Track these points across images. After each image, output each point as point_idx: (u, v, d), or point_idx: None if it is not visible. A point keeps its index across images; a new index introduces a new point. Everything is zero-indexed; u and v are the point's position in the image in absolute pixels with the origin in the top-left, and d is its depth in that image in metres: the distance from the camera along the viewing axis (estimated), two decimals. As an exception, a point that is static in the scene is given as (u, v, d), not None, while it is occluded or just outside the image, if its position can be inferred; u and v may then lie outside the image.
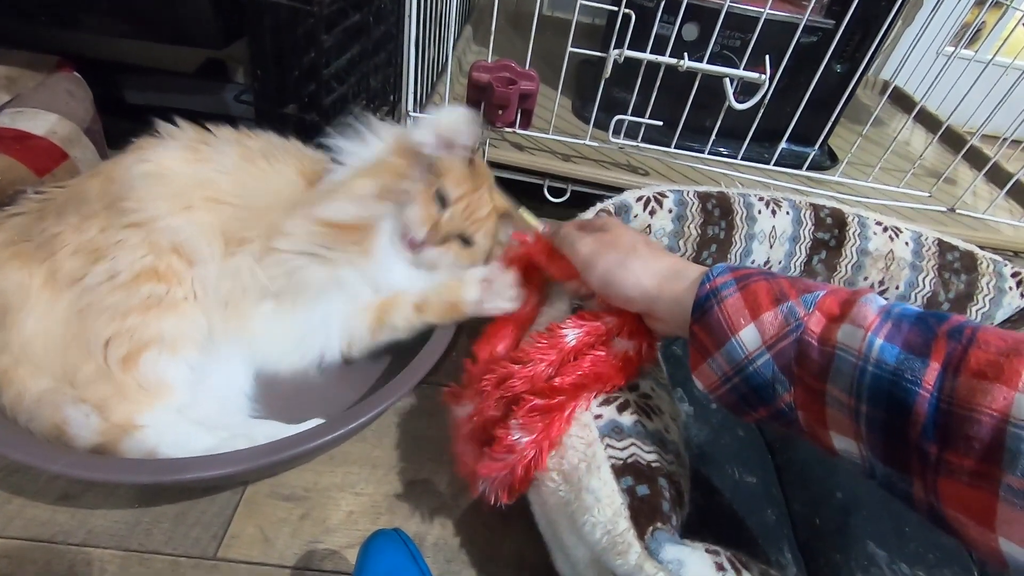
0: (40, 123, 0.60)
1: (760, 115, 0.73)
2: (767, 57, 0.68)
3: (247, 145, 0.55)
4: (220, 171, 0.52)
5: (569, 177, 0.78)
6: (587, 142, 0.76)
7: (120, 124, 0.68)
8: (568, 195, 0.79)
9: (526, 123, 0.74)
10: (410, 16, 0.68)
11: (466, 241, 0.55)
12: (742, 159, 0.78)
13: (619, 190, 0.77)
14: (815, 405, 0.31)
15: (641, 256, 0.41)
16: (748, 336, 0.33)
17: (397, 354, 0.55)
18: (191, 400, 0.46)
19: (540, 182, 0.79)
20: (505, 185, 0.79)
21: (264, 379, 0.53)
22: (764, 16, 0.68)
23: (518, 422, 0.39)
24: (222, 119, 0.56)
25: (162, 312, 0.46)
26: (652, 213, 0.62)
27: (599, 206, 0.61)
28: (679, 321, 0.37)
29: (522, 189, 0.79)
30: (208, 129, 0.55)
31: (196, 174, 0.51)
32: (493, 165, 0.77)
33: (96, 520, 0.44)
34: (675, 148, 0.77)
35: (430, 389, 0.56)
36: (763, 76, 0.67)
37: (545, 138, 0.76)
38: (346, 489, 0.48)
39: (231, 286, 0.51)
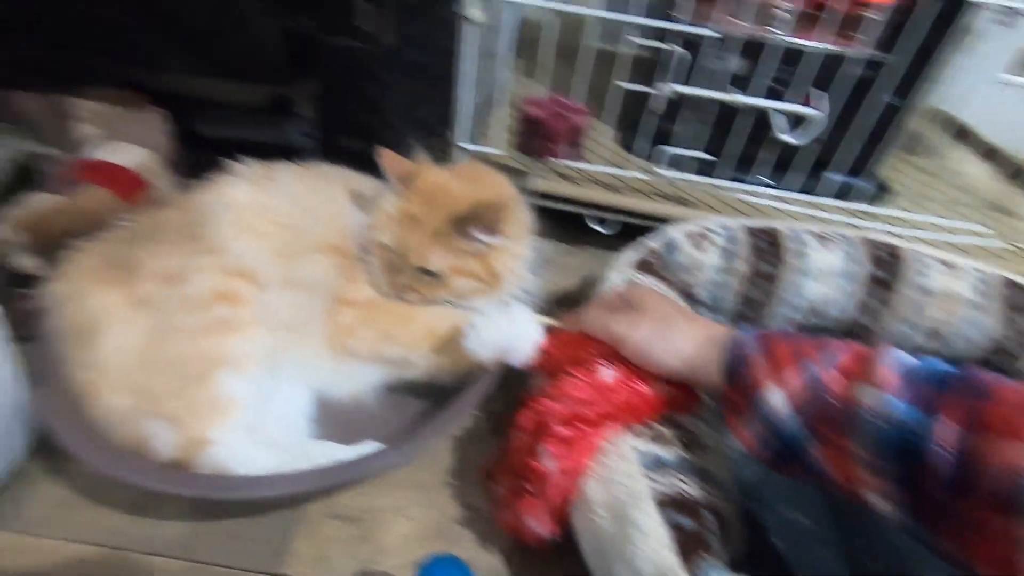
0: (128, 156, 0.65)
1: (810, 147, 0.72)
2: (821, 91, 0.68)
3: (304, 173, 0.59)
4: (282, 198, 0.56)
5: (616, 208, 0.79)
6: (633, 174, 0.77)
7: (193, 155, 0.74)
8: (616, 226, 0.80)
9: (576, 155, 0.75)
10: (467, 52, 0.71)
11: (427, 272, 0.53)
12: (791, 191, 0.78)
13: (665, 220, 0.78)
14: (842, 461, 0.32)
15: (678, 326, 0.42)
16: (774, 396, 0.35)
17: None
18: (256, 419, 0.49)
19: (585, 212, 0.80)
20: (550, 215, 0.81)
21: (323, 400, 0.55)
22: (816, 50, 0.68)
23: (546, 450, 0.41)
24: (285, 150, 0.60)
25: (231, 332, 0.49)
26: (701, 249, 0.62)
27: (642, 243, 0.62)
28: (716, 384, 0.39)
29: (567, 219, 0.81)
30: (271, 163, 0.59)
31: (261, 203, 0.55)
32: (542, 196, 0.79)
33: (166, 531, 0.46)
34: (722, 180, 0.77)
35: (480, 416, 0.58)
36: (815, 110, 0.68)
37: (591, 169, 0.78)
38: (399, 512, 0.50)
39: (293, 311, 0.54)
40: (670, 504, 0.36)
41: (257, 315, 0.51)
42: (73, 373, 0.48)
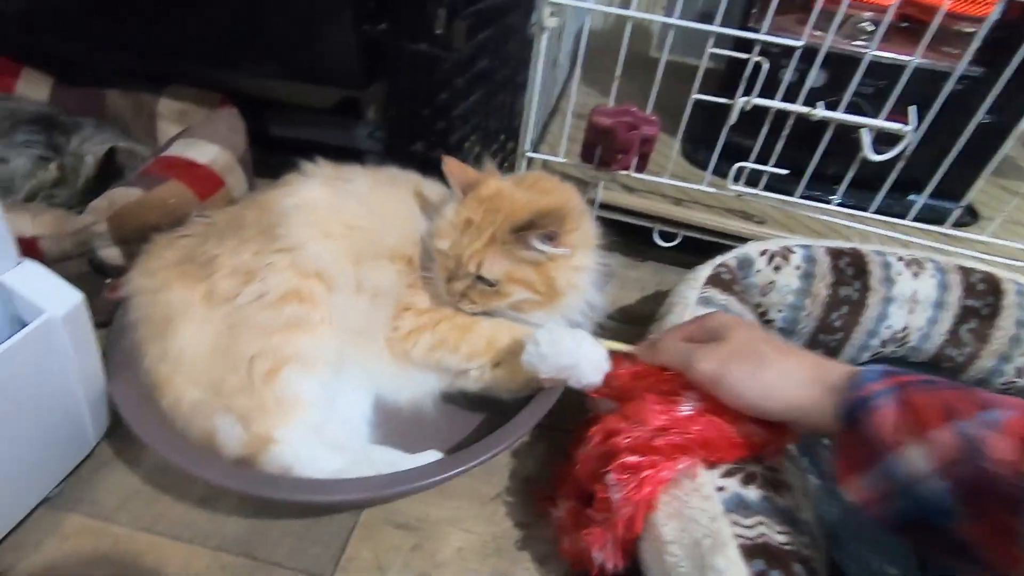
0: (205, 153, 0.67)
1: (898, 166, 0.68)
2: (910, 108, 0.64)
3: (373, 176, 0.60)
4: (353, 200, 0.56)
5: (681, 222, 0.76)
6: (703, 187, 0.74)
7: (264, 155, 0.76)
8: (679, 240, 0.78)
9: (642, 167, 0.73)
10: (537, 62, 0.70)
11: (484, 281, 0.52)
12: (872, 212, 0.73)
13: (733, 237, 0.75)
14: (1005, 543, 0.27)
15: (772, 362, 0.38)
16: (914, 456, 0.29)
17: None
18: (321, 420, 0.49)
19: (651, 226, 0.78)
20: (612, 227, 0.79)
21: (382, 405, 0.55)
22: (911, 64, 0.64)
23: (612, 478, 0.39)
24: (353, 153, 0.61)
25: (302, 332, 0.50)
26: (777, 269, 0.59)
27: (717, 260, 0.59)
28: (826, 429, 0.35)
29: (629, 231, 0.79)
30: (343, 164, 0.60)
31: (334, 204, 0.56)
32: (605, 207, 0.77)
33: (229, 526, 0.47)
34: (795, 197, 0.73)
35: (540, 432, 0.56)
36: (906, 127, 0.64)
37: (660, 182, 0.76)
38: (456, 524, 0.49)
39: (359, 316, 0.53)
40: (757, 553, 0.34)
41: (326, 317, 0.51)
42: (148, 364, 0.48)
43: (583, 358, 0.46)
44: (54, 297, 0.38)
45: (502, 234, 0.51)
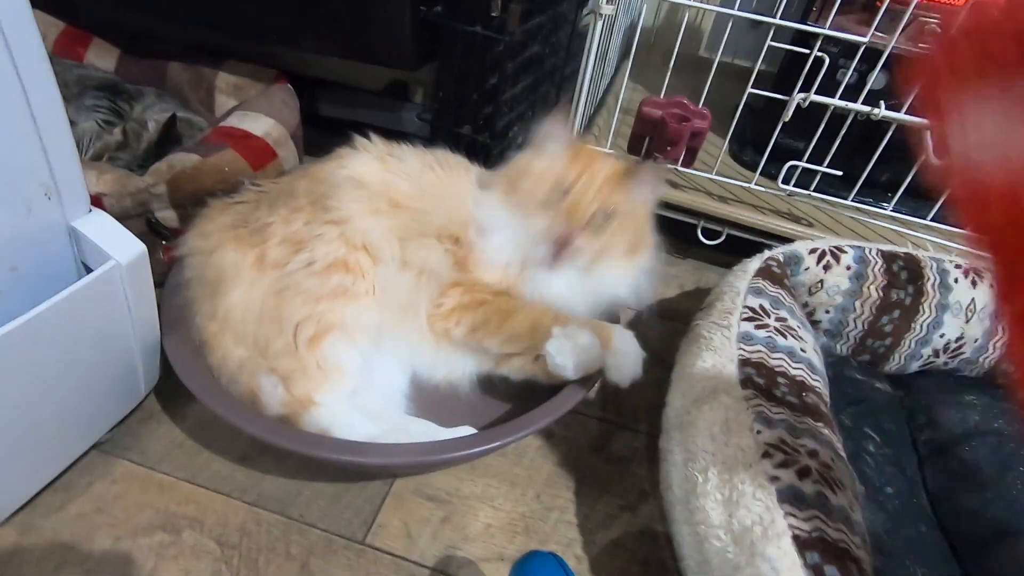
0: (259, 125, 0.69)
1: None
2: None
3: (425, 157, 0.60)
4: (403, 178, 0.57)
5: (727, 220, 0.75)
6: (752, 186, 0.73)
7: (313, 133, 0.77)
8: (723, 238, 0.76)
9: (689, 162, 0.72)
10: (590, 50, 0.70)
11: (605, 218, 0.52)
12: (921, 218, 0.71)
13: (779, 238, 0.74)
14: None
15: None
16: None
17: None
18: (359, 388, 0.49)
19: (695, 222, 0.77)
20: (659, 224, 0.79)
21: (418, 381, 0.55)
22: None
23: None
24: (399, 135, 0.61)
25: (347, 301, 0.50)
26: (827, 268, 0.58)
27: (766, 253, 0.58)
28: None
29: (671, 227, 0.78)
30: (394, 143, 0.60)
31: (384, 180, 0.56)
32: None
33: (266, 484, 0.48)
34: (850, 201, 0.71)
35: (575, 418, 0.56)
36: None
37: (708, 178, 0.74)
38: (485, 501, 0.49)
39: (403, 291, 0.54)
40: (813, 545, 0.33)
41: (371, 289, 0.51)
42: (199, 321, 0.50)
43: (613, 355, 0.46)
44: (120, 246, 0.39)
45: (616, 177, 0.53)
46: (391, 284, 0.53)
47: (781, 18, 0.65)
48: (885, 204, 0.71)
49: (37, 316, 0.34)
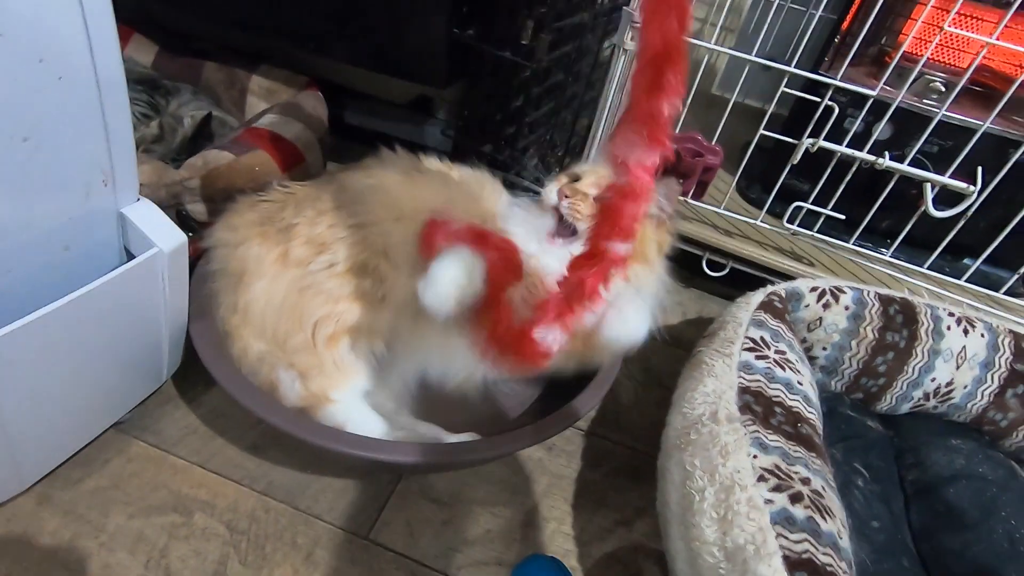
0: (289, 129, 0.71)
1: (956, 226, 0.69)
2: (975, 169, 0.65)
3: (447, 170, 0.63)
4: (425, 188, 0.59)
5: (732, 253, 0.78)
6: (758, 223, 0.76)
7: (337, 139, 0.80)
8: (727, 271, 0.79)
9: (699, 195, 0.75)
10: (612, 81, 0.73)
11: None
12: (920, 266, 0.74)
13: (781, 274, 0.76)
14: None
15: None
16: None
17: (552, 384, 0.58)
18: (373, 389, 0.51)
19: (700, 254, 0.79)
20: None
21: (426, 387, 0.57)
22: (981, 129, 0.65)
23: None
24: (421, 149, 0.64)
25: (366, 304, 0.52)
26: (826, 307, 0.60)
27: (769, 288, 0.60)
28: None
29: (679, 258, 0.80)
30: (418, 156, 0.63)
31: (407, 190, 0.59)
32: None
33: (275, 474, 0.49)
34: (853, 244, 0.74)
35: (576, 433, 0.58)
36: (970, 187, 0.64)
37: (715, 212, 0.77)
38: (486, 506, 0.50)
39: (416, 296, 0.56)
40: (801, 566, 0.35)
41: (388, 294, 0.54)
42: (222, 313, 0.52)
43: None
44: (163, 234, 0.41)
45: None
46: (407, 289, 0.56)
47: (795, 66, 0.69)
48: (884, 250, 0.74)
49: (85, 295, 0.36)
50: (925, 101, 0.76)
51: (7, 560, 0.40)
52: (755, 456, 0.41)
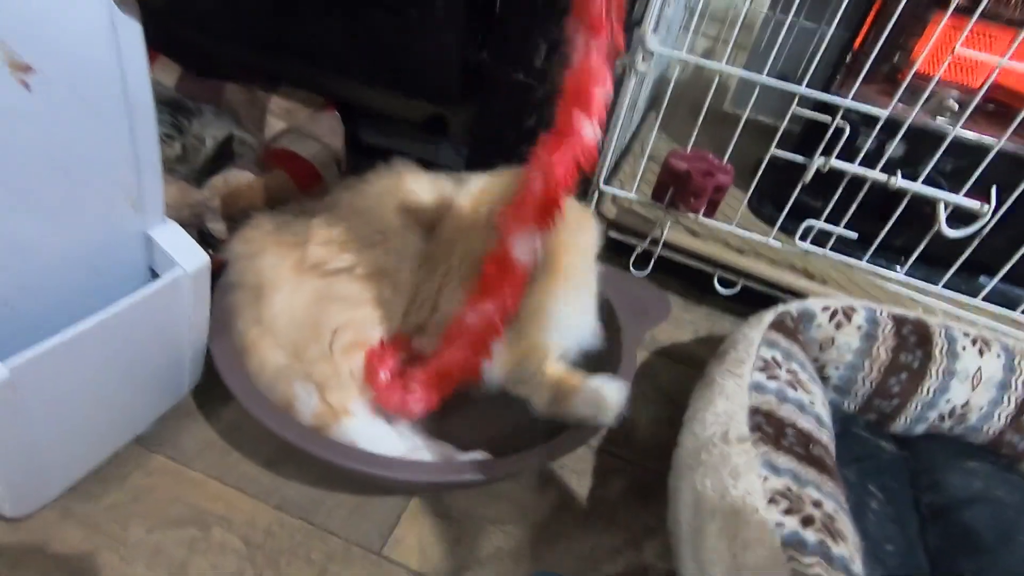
0: (307, 148, 0.73)
1: (970, 245, 0.68)
2: (989, 188, 0.65)
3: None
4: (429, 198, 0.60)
5: (743, 271, 0.78)
6: (769, 241, 0.76)
7: (353, 156, 0.82)
8: (738, 288, 0.79)
9: (710, 213, 0.76)
10: (622, 103, 0.74)
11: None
12: (935, 285, 0.73)
13: (792, 292, 0.76)
14: None
15: None
16: None
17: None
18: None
19: (711, 271, 0.80)
20: (676, 269, 0.81)
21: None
22: (994, 147, 0.65)
23: None
24: (435, 166, 0.65)
25: (385, 313, 0.53)
26: (838, 326, 0.60)
27: (781, 307, 0.61)
28: None
29: (688, 274, 0.81)
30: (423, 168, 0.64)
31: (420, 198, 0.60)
32: (668, 247, 0.80)
33: (290, 490, 0.50)
34: (865, 263, 0.74)
35: (587, 452, 0.58)
36: (984, 206, 0.64)
37: (727, 229, 0.78)
38: (497, 524, 0.51)
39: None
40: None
41: (404, 303, 0.55)
42: (240, 326, 0.53)
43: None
44: (187, 255, 0.43)
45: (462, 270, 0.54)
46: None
47: (806, 86, 0.69)
48: (899, 267, 0.73)
49: (114, 314, 0.37)
50: (939, 119, 0.76)
51: (31, 571, 0.41)
52: (765, 478, 0.41)
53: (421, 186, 0.60)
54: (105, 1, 0.31)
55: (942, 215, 0.66)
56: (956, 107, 0.75)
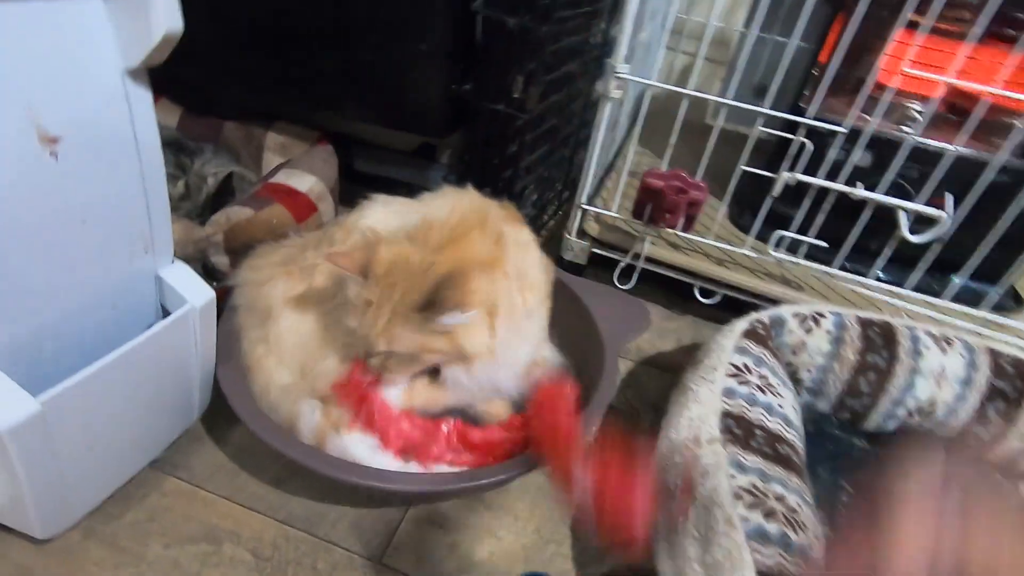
0: (303, 182, 0.78)
1: (935, 247, 0.72)
2: (947, 194, 0.68)
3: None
4: (406, 225, 0.63)
5: (722, 282, 0.81)
6: (745, 251, 0.80)
7: (348, 186, 0.86)
8: (719, 298, 0.82)
9: (688, 227, 0.79)
10: (599, 126, 0.78)
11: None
12: (908, 288, 0.77)
13: (771, 300, 0.80)
14: None
15: None
16: None
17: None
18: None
19: (692, 282, 0.83)
20: (657, 280, 0.85)
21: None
22: (953, 153, 0.69)
23: None
24: (425, 190, 0.69)
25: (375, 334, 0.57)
26: (808, 331, 0.63)
27: (753, 316, 0.64)
28: None
29: (672, 285, 0.85)
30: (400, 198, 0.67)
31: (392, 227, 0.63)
32: (650, 261, 0.84)
33: (295, 505, 0.54)
34: (836, 269, 0.77)
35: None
36: (943, 212, 0.68)
37: (704, 242, 0.81)
38: (490, 532, 0.54)
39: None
40: None
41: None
42: (246, 346, 0.56)
43: None
44: (195, 292, 0.47)
45: (403, 310, 0.48)
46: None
47: (776, 100, 0.73)
48: (869, 271, 0.77)
49: (132, 349, 0.41)
50: (903, 128, 0.80)
51: (59, 589, 0.45)
52: (733, 476, 0.45)
53: (376, 219, 0.62)
54: (120, 75, 0.35)
55: (903, 222, 0.69)
56: (919, 117, 0.79)
